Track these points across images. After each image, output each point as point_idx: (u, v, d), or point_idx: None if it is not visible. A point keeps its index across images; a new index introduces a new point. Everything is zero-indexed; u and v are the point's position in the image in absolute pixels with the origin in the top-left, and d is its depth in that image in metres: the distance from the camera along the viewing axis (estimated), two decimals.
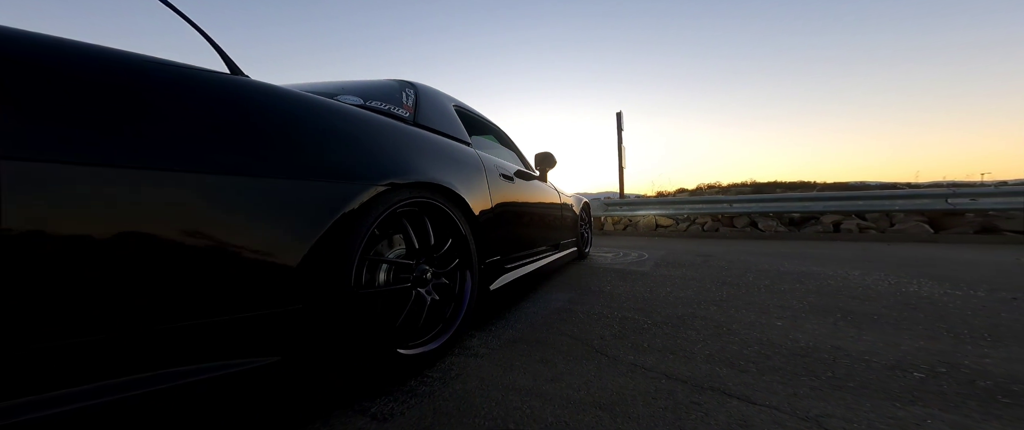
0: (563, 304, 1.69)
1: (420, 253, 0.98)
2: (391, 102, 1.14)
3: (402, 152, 0.92)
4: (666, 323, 1.39)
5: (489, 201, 1.38)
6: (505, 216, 1.56)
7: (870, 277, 2.20)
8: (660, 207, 6.33)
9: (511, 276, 1.54)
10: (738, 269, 2.55)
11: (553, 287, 2.06)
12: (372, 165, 0.80)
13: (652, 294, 1.86)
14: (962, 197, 4.41)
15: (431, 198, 1.00)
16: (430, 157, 1.05)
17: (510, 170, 1.75)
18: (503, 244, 1.51)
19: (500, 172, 1.58)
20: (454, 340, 1.08)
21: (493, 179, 1.47)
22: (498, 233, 1.46)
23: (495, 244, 1.42)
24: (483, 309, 1.52)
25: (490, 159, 1.54)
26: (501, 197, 1.53)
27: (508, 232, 1.58)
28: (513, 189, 1.70)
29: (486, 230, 1.32)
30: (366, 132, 0.85)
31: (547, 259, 2.15)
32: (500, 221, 1.49)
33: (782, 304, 1.63)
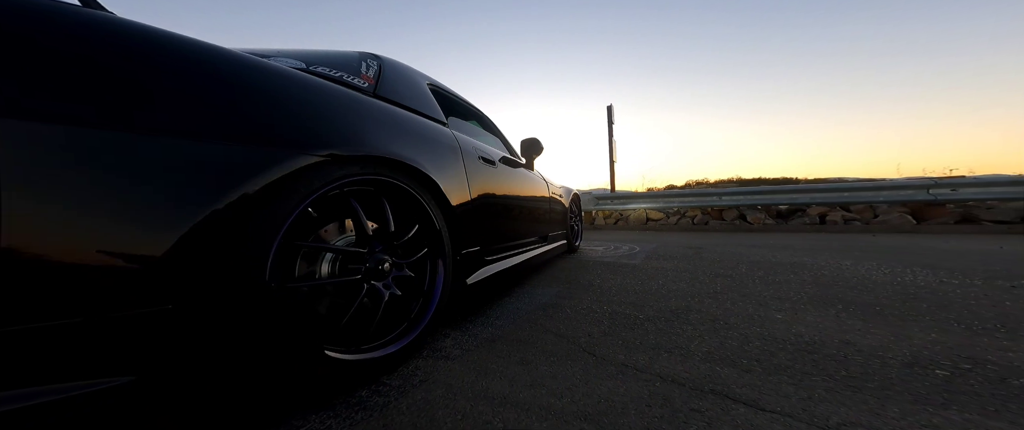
0: (550, 299, 1.57)
1: (377, 240, 0.83)
2: (346, 71, 0.97)
3: (350, 121, 0.76)
4: (659, 318, 1.28)
5: (466, 186, 1.24)
6: (486, 204, 1.42)
7: (863, 267, 2.15)
8: (651, 201, 6.29)
9: (492, 269, 1.41)
10: (730, 261, 2.48)
11: (540, 281, 1.93)
12: (302, 131, 0.64)
13: (644, 287, 1.75)
14: (943, 188, 4.47)
15: (392, 177, 0.85)
16: (391, 131, 0.89)
17: (492, 155, 1.60)
18: (483, 234, 1.37)
19: (480, 155, 1.44)
20: (421, 341, 0.94)
21: (472, 163, 1.33)
22: (478, 222, 1.32)
23: (474, 234, 1.28)
24: (460, 305, 1.38)
25: (469, 141, 1.40)
26: (481, 182, 1.39)
27: (489, 221, 1.45)
28: (496, 175, 1.56)
29: (463, 218, 1.18)
30: (292, 92, 0.67)
31: (533, 252, 2.02)
32: (480, 209, 1.35)
33: (779, 295, 1.54)
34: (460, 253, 1.14)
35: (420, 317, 0.93)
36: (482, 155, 1.47)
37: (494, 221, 1.50)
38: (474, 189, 1.31)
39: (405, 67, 1.27)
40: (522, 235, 1.90)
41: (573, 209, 3.24)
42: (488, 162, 1.50)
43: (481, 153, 1.47)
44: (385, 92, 0.99)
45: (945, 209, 4.64)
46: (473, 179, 1.32)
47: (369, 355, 0.76)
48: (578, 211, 3.43)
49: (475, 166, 1.36)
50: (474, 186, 1.31)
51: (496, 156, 1.70)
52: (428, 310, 0.95)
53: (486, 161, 1.48)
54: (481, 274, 1.31)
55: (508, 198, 1.69)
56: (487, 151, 1.56)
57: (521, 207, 1.88)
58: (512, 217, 1.74)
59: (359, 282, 0.77)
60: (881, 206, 5.09)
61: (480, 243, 1.33)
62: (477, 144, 1.48)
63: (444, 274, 1.02)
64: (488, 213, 1.43)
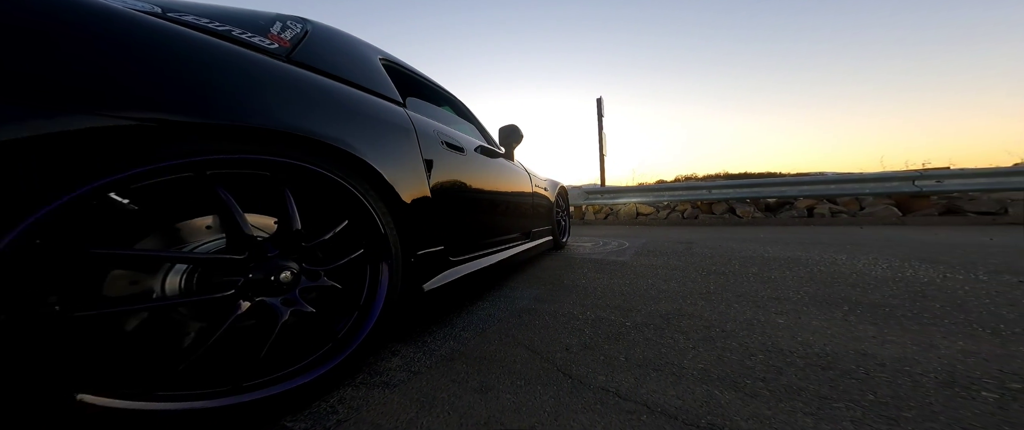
0: (528, 303, 1.40)
1: (273, 243, 0.63)
2: (246, 28, 0.75)
3: (219, 82, 0.55)
4: (647, 325, 1.12)
5: (425, 176, 1.05)
6: (452, 197, 1.23)
7: (859, 262, 2.04)
8: (641, 195, 6.18)
9: (459, 272, 1.22)
10: (722, 256, 2.35)
11: (521, 282, 1.76)
12: (96, 82, 0.43)
13: (632, 288, 1.60)
14: (929, 179, 4.47)
15: (303, 160, 0.65)
16: (306, 104, 0.68)
17: (462, 142, 1.42)
18: (449, 232, 1.19)
19: (445, 140, 1.25)
20: (352, 365, 0.75)
21: (433, 149, 1.14)
22: (441, 218, 1.14)
23: (436, 231, 1.10)
24: (417, 315, 1.20)
25: (429, 124, 1.20)
26: (447, 172, 1.20)
27: (457, 217, 1.26)
28: (466, 164, 1.38)
29: (420, 213, 0.99)
30: (102, 34, 0.45)
31: (513, 250, 1.85)
32: (444, 203, 1.16)
33: (778, 295, 1.41)
34: (415, 255, 0.96)
35: (352, 336, 0.74)
36: (448, 141, 1.28)
37: (463, 217, 1.32)
38: (436, 179, 1.12)
39: (346, 36, 1.06)
40: (500, 232, 1.72)
41: (560, 203, 3.07)
42: (455, 149, 1.32)
43: (446, 138, 1.28)
44: (306, 58, 0.78)
45: (930, 201, 4.65)
46: (435, 168, 1.13)
47: (254, 396, 0.56)
48: (565, 206, 3.26)
49: (438, 153, 1.17)
50: (436, 176, 1.13)
51: (469, 144, 1.52)
52: (363, 327, 0.76)
53: (452, 148, 1.29)
54: (444, 278, 1.13)
55: (482, 191, 1.51)
56: (455, 137, 1.37)
57: (498, 201, 1.70)
58: (487, 212, 1.56)
59: (233, 299, 0.56)
60: (867, 198, 5.09)
61: (444, 242, 1.15)
62: (441, 128, 1.29)
63: (389, 281, 0.84)
64: (455, 208, 1.25)
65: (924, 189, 4.46)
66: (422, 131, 1.12)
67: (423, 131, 1.12)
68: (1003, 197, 4.35)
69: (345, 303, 0.77)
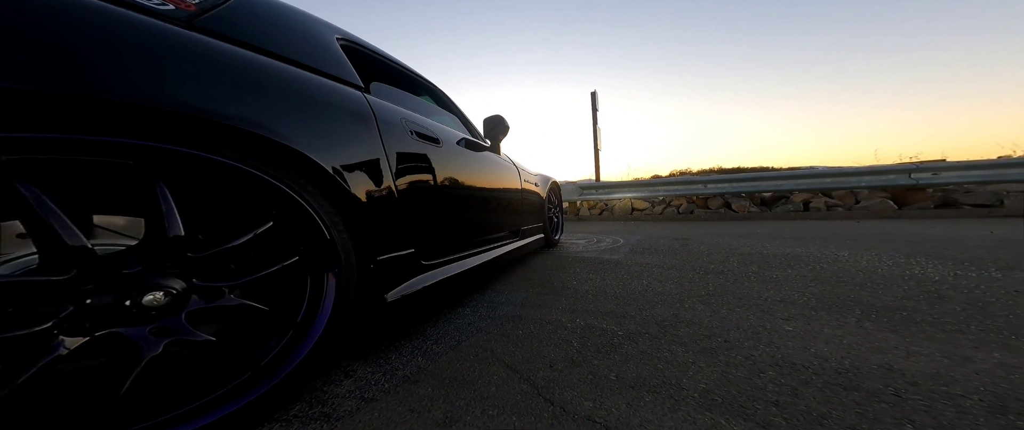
0: (513, 309, 1.28)
1: (144, 255, 0.49)
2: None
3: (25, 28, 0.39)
4: (642, 334, 1.00)
5: (388, 169, 0.92)
6: (426, 192, 1.10)
7: (863, 258, 1.95)
8: (635, 190, 6.08)
9: (434, 277, 1.09)
10: (719, 254, 2.25)
11: (508, 284, 1.64)
12: None
13: (625, 290, 1.48)
14: (925, 172, 4.43)
15: (192, 147, 0.51)
16: (198, 77, 0.54)
17: (437, 133, 1.28)
18: (422, 232, 1.06)
19: (414, 130, 1.11)
20: (272, 399, 0.61)
21: (398, 139, 1.00)
22: (412, 216, 1.01)
23: (403, 232, 0.97)
24: (379, 329, 1.07)
25: (394, 111, 1.06)
26: (418, 165, 1.07)
27: (432, 215, 1.13)
28: (443, 157, 1.24)
29: (383, 212, 0.86)
30: None
31: (500, 250, 1.72)
32: (416, 199, 1.03)
33: (782, 297, 1.30)
34: (376, 260, 0.83)
35: (282, 361, 0.61)
36: (420, 131, 1.14)
37: (440, 216, 1.19)
38: (405, 174, 0.99)
39: (292, 10, 0.91)
40: (484, 231, 1.59)
41: (552, 199, 2.95)
42: (429, 140, 1.18)
43: (418, 128, 1.14)
44: (219, 27, 0.63)
45: (925, 193, 4.62)
46: (404, 161, 1.00)
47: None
48: (558, 201, 3.14)
49: (407, 145, 1.03)
50: (405, 170, 0.99)
51: (449, 136, 1.38)
52: (299, 349, 0.63)
53: (426, 139, 1.16)
54: (414, 285, 1.00)
55: (463, 187, 1.38)
56: (429, 127, 1.23)
57: (482, 198, 1.57)
58: (469, 210, 1.43)
59: (47, 336, 0.41)
60: (862, 192, 5.04)
61: (415, 244, 1.02)
62: (411, 117, 1.15)
63: (337, 292, 0.71)
64: (430, 205, 1.12)
65: (920, 182, 4.41)
66: (386, 119, 0.98)
67: (387, 119, 0.99)
68: (999, 189, 4.33)
69: (281, 321, 0.64)
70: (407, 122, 1.10)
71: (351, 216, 0.76)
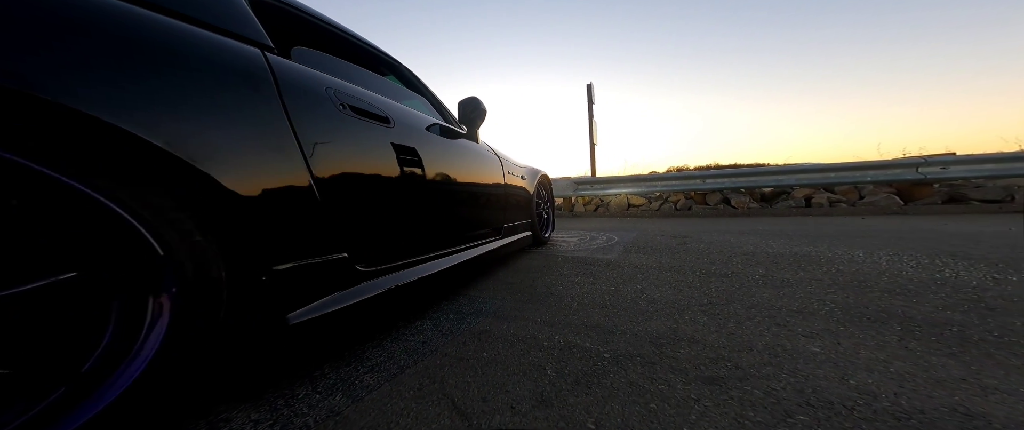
0: (483, 321, 1.08)
1: None
2: None
3: None
4: (632, 357, 0.81)
5: (295, 149, 0.71)
6: (366, 182, 0.90)
7: (881, 259, 1.77)
8: (632, 185, 5.89)
9: (374, 288, 0.88)
10: (721, 253, 2.06)
11: (485, 288, 1.44)
12: None
13: (617, 296, 1.29)
14: (933, 166, 4.25)
15: None
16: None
17: (389, 110, 1.07)
18: (361, 231, 0.86)
19: (346, 102, 0.89)
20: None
21: (314, 110, 0.79)
22: (340, 211, 0.80)
23: (329, 231, 0.77)
24: (283, 362, 0.86)
25: (310, 77, 0.83)
26: (349, 146, 0.86)
27: (375, 210, 0.93)
28: (393, 139, 1.04)
29: (285, 205, 0.66)
30: None
31: (477, 251, 1.52)
32: (347, 190, 0.83)
33: (800, 306, 1.11)
34: (270, 270, 0.62)
35: None
36: (355, 105, 0.92)
37: (388, 211, 0.98)
38: (326, 157, 0.78)
39: None
40: (456, 229, 1.39)
41: (541, 194, 2.74)
42: (373, 118, 0.97)
43: (353, 102, 0.92)
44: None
45: (932, 189, 4.45)
46: (326, 141, 0.79)
47: None
48: (548, 196, 2.92)
49: (331, 120, 0.82)
50: (327, 152, 0.79)
51: (406, 117, 1.17)
52: (79, 413, 0.42)
53: (366, 115, 0.95)
54: (338, 301, 0.78)
55: (427, 177, 1.18)
56: (372, 102, 1.02)
57: (454, 191, 1.36)
58: (434, 205, 1.22)
59: None
60: (867, 187, 4.87)
61: (347, 246, 0.82)
62: (342, 87, 0.93)
63: (171, 323, 0.50)
64: (371, 198, 0.91)
65: (928, 176, 4.24)
66: (297, 86, 0.76)
67: (299, 86, 0.77)
68: (1010, 184, 4.16)
69: (44, 374, 0.43)
70: (338, 94, 0.88)
71: (219, 214, 0.55)
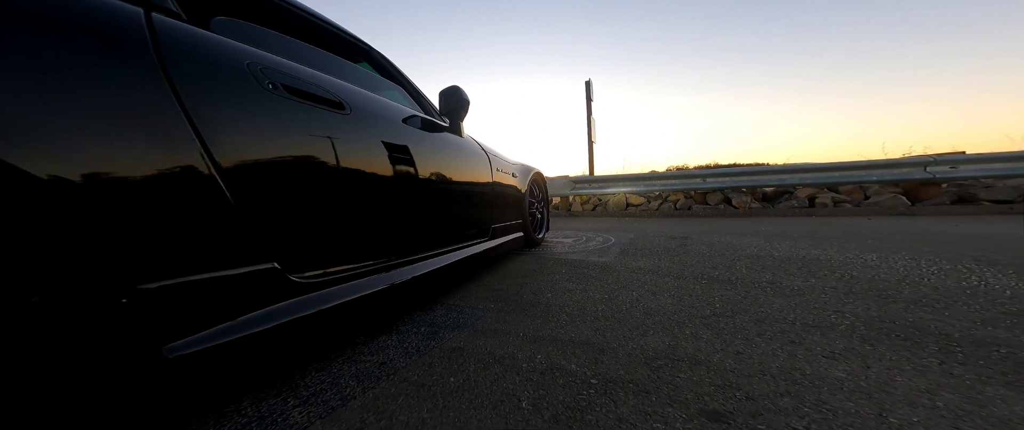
0: (459, 336, 0.95)
1: None
2: None
3: None
4: (625, 383, 0.68)
5: (187, 131, 0.56)
6: (306, 174, 0.77)
7: (898, 263, 1.64)
8: (631, 184, 5.76)
9: (312, 305, 0.74)
10: (723, 256, 1.93)
11: (467, 296, 1.32)
12: None
13: (611, 305, 1.16)
14: (942, 165, 4.12)
15: None
16: None
17: (340, 92, 0.93)
18: (299, 234, 0.73)
19: (276, 80, 0.74)
20: None
21: (221, 86, 0.64)
22: (264, 208, 0.67)
23: (253, 233, 0.64)
24: (159, 405, 0.72)
25: (220, 47, 0.69)
26: (280, 133, 0.72)
27: (322, 209, 0.80)
28: (348, 127, 0.90)
29: (166, 202, 0.53)
30: None
31: (459, 254, 1.39)
32: (275, 182, 0.70)
33: (815, 319, 0.98)
34: (136, 289, 0.48)
35: None
36: (290, 84, 0.77)
37: (341, 211, 0.85)
38: (240, 142, 0.64)
39: None
40: (434, 231, 1.26)
41: (534, 193, 2.60)
42: (318, 102, 0.84)
43: (288, 80, 0.77)
44: None
45: (940, 189, 4.32)
46: (241, 124, 0.65)
47: None
48: (542, 195, 2.79)
49: (250, 99, 0.67)
50: (242, 138, 0.65)
51: (370, 104, 1.04)
52: None
53: (307, 98, 0.80)
54: (261, 322, 0.64)
55: (392, 172, 1.05)
56: (318, 83, 0.86)
57: (431, 189, 1.23)
58: (403, 204, 1.09)
59: None
60: (872, 187, 4.74)
61: (277, 253, 0.68)
62: (275, 62, 0.77)
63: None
64: (314, 194, 0.78)
65: (937, 176, 4.11)
66: (194, 55, 0.61)
67: (198, 56, 0.61)
68: (1021, 184, 4.03)
69: None
70: (266, 70, 0.74)
71: (34, 220, 0.41)
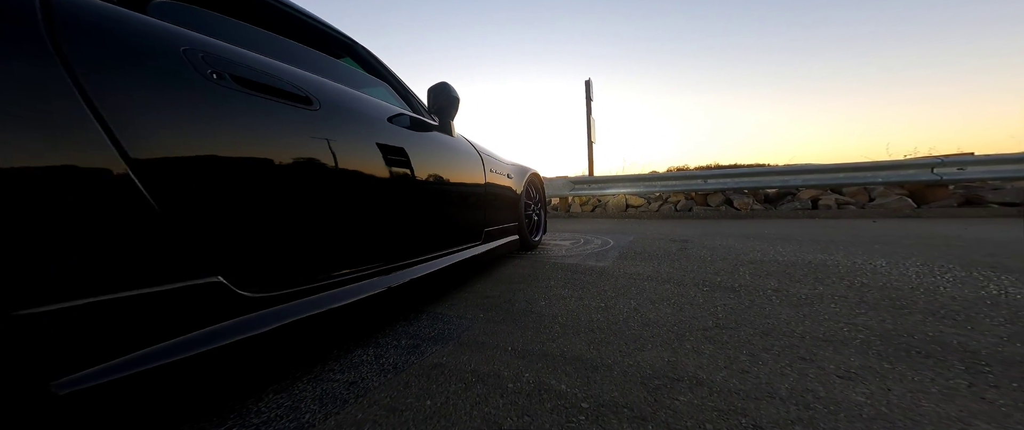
0: (441, 351, 0.89)
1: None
2: None
3: None
4: (618, 407, 0.61)
5: (92, 125, 0.48)
6: (262, 175, 0.70)
7: (909, 270, 1.57)
8: (631, 185, 5.68)
9: (263, 323, 0.67)
10: (725, 261, 1.86)
11: (455, 304, 1.25)
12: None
13: (607, 315, 1.09)
14: (949, 166, 4.03)
15: None
16: None
17: (307, 85, 0.86)
18: (248, 243, 0.67)
19: (223, 70, 0.66)
20: None
21: (153, 73, 0.57)
22: (210, 216, 0.61)
23: (187, 243, 0.57)
24: None
25: (145, 25, 0.61)
26: (226, 129, 0.65)
27: (281, 212, 0.73)
28: (317, 124, 0.84)
29: (67, 211, 0.45)
30: None
31: (446, 260, 1.32)
32: (214, 186, 0.63)
33: (827, 332, 0.91)
34: (11, 315, 0.40)
35: None
36: (241, 74, 0.69)
37: (306, 214, 0.79)
38: (170, 139, 0.57)
39: None
40: (417, 237, 1.19)
41: (531, 194, 2.53)
42: (281, 95, 0.77)
43: (239, 70, 0.70)
44: None
45: (947, 191, 4.23)
46: (172, 114, 0.58)
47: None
48: (539, 197, 2.71)
49: (187, 90, 0.59)
50: (176, 133, 0.58)
51: (344, 99, 0.98)
52: None
53: (257, 89, 0.73)
54: (189, 347, 0.55)
55: (370, 173, 0.98)
56: (276, 73, 0.79)
57: (411, 191, 1.16)
58: (381, 207, 1.03)
59: None
60: (877, 188, 4.65)
61: (220, 265, 0.61)
62: (224, 50, 0.71)
63: None
64: (272, 196, 0.71)
65: (944, 177, 4.02)
66: (104, 36, 0.53)
67: (110, 37, 0.54)
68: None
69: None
70: (209, 58, 0.66)
71: None
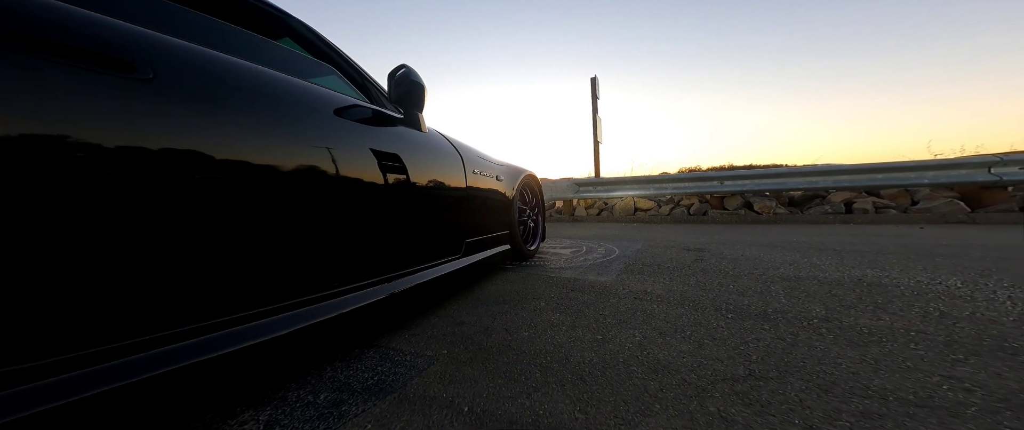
0: (374, 412, 0.65)
1: None
2: None
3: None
4: None
5: None
6: (115, 180, 0.48)
7: (996, 292, 1.24)
8: (640, 187, 5.34)
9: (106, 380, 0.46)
10: (752, 275, 1.56)
11: (417, 332, 1.01)
12: None
13: (603, 354, 0.83)
14: (1011, 165, 3.55)
15: None
16: None
17: (219, 67, 0.65)
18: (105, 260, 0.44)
19: (72, 46, 0.47)
20: None
21: None
22: None
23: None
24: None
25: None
26: (85, 122, 0.44)
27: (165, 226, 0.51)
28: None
29: None
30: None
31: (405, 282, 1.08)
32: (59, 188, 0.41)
33: (919, 393, 0.62)
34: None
35: None
36: (102, 53, 0.50)
37: (194, 228, 0.56)
38: None
39: None
40: (356, 256, 0.95)
41: (526, 198, 2.27)
42: (126, 70, 0.55)
43: (103, 46, 0.50)
44: None
45: (1006, 193, 3.74)
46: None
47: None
48: (535, 201, 2.44)
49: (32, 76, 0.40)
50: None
51: (272, 84, 0.76)
52: None
53: (126, 75, 0.52)
54: None
55: (302, 175, 0.76)
56: (174, 54, 0.60)
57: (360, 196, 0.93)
58: (318, 217, 0.80)
59: None
60: (921, 190, 4.18)
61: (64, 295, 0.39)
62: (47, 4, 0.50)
63: None
64: (132, 205, 0.49)
65: (1004, 178, 3.54)
66: None
67: None
68: None
69: None
70: (31, 24, 0.45)
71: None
